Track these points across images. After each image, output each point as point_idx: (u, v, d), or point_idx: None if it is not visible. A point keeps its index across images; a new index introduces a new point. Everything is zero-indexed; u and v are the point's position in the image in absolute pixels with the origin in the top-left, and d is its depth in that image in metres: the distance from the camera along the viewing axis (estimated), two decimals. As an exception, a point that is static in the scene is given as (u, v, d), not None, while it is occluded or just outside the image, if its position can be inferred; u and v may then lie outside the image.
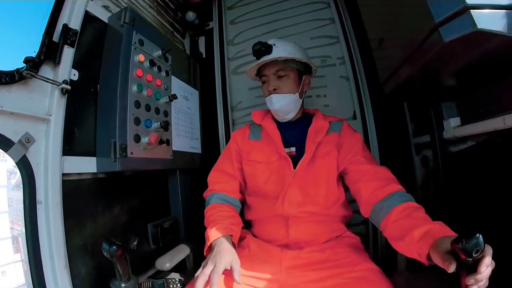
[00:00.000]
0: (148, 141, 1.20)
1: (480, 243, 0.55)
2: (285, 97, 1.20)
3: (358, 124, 1.64)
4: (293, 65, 1.21)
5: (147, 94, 1.25)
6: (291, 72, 1.21)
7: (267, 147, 1.22)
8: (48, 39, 0.97)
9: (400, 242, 0.83)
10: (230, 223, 1.09)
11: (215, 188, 1.24)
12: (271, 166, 1.19)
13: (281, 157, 1.17)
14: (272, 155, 1.20)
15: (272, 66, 1.21)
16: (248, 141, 1.29)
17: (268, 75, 1.23)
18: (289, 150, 1.20)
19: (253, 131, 1.32)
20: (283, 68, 1.20)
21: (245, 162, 1.26)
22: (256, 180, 1.22)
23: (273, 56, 1.18)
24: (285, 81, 1.20)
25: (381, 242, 1.48)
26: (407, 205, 0.90)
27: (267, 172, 1.20)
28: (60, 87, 0.99)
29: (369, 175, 1.06)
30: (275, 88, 1.20)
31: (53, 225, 0.92)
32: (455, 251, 0.59)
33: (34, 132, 0.92)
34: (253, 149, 1.25)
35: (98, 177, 1.15)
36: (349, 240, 1.14)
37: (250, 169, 1.24)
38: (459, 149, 1.23)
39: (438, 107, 1.28)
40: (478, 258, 0.57)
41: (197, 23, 2.02)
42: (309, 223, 1.11)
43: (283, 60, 1.20)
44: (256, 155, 1.23)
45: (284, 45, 1.22)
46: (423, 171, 1.51)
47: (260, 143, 1.26)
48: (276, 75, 1.21)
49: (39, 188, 0.92)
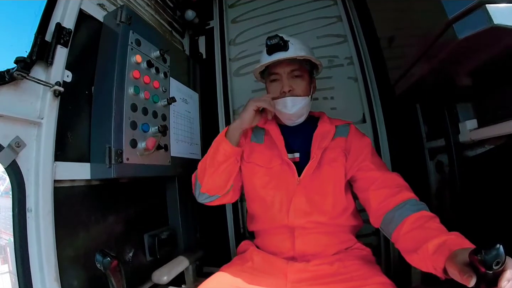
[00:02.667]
0: (145, 146, 1.20)
1: (501, 254, 0.53)
2: (301, 101, 1.17)
3: (367, 128, 1.63)
4: (307, 66, 1.21)
5: (144, 96, 1.25)
6: (305, 73, 1.20)
7: (269, 151, 1.21)
8: (40, 39, 0.98)
9: (414, 254, 0.82)
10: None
11: None
12: (272, 171, 1.18)
13: (283, 163, 1.16)
14: (274, 160, 1.19)
15: (287, 64, 1.17)
16: (250, 143, 1.28)
17: (280, 74, 1.18)
18: (292, 156, 1.19)
19: (255, 133, 1.31)
20: (298, 68, 1.17)
21: (243, 163, 1.24)
22: (254, 183, 1.20)
23: (292, 54, 1.14)
24: (300, 83, 1.18)
25: (394, 254, 1.47)
26: (420, 215, 0.89)
27: (266, 176, 1.18)
28: (52, 89, 1.00)
29: (379, 183, 1.05)
30: (290, 90, 1.16)
31: (43, 234, 0.92)
32: (473, 264, 0.57)
33: (24, 136, 0.92)
34: (254, 151, 1.24)
35: (92, 184, 1.16)
36: (359, 252, 1.13)
37: (248, 170, 1.22)
38: (477, 153, 1.22)
39: (453, 109, 1.27)
40: (499, 271, 0.55)
41: (197, 22, 2.03)
42: (317, 234, 1.10)
43: (299, 60, 1.17)
44: (257, 158, 1.22)
45: (299, 43, 1.19)
46: (437, 177, 1.49)
47: (262, 146, 1.25)
48: (291, 74, 1.17)
49: (30, 195, 0.92)
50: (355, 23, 1.75)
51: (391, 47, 1.30)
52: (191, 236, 1.58)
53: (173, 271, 1.18)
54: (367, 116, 1.67)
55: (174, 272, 1.18)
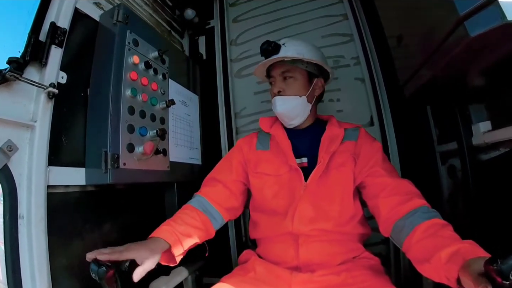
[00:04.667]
0: (142, 151, 1.20)
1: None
2: (290, 100, 1.20)
3: (375, 131, 1.63)
4: (302, 66, 1.22)
5: (142, 99, 1.26)
6: (298, 74, 1.22)
7: (276, 158, 1.22)
8: (34, 38, 0.98)
9: (426, 264, 0.81)
10: (182, 232, 1.01)
11: (201, 191, 1.23)
12: (281, 179, 1.18)
13: (292, 169, 1.16)
14: (282, 167, 1.19)
15: (279, 66, 1.23)
16: (256, 151, 1.28)
17: (275, 77, 1.25)
18: (300, 161, 1.19)
19: (260, 140, 1.32)
20: (289, 70, 1.21)
21: (252, 174, 1.25)
22: (264, 195, 1.21)
23: (279, 55, 1.20)
24: (291, 83, 1.21)
25: (404, 264, 1.45)
26: (432, 223, 0.88)
27: (276, 185, 1.19)
28: (46, 91, 1.00)
29: (389, 189, 1.04)
30: (280, 90, 1.21)
31: (35, 242, 0.91)
32: (489, 273, 0.57)
33: (17, 139, 0.92)
34: (261, 160, 1.25)
35: (87, 190, 1.16)
36: (367, 261, 1.12)
37: (257, 182, 1.23)
38: (491, 157, 1.21)
39: (466, 110, 1.27)
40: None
41: (196, 22, 2.04)
42: (322, 242, 1.10)
43: (291, 61, 1.21)
44: (265, 167, 1.22)
45: (295, 45, 1.23)
46: (450, 183, 1.48)
47: (269, 153, 1.26)
48: (282, 76, 1.22)
49: (21, 201, 0.92)
50: (362, 21, 1.76)
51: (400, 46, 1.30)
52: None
53: (172, 282, 1.17)
54: (375, 119, 1.67)
55: (172, 283, 1.17)
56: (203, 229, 1.10)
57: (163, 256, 0.96)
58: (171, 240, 0.97)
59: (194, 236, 1.05)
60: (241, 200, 1.28)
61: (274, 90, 1.23)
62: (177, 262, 1.00)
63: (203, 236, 1.10)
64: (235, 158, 1.30)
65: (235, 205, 1.26)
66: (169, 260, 1.00)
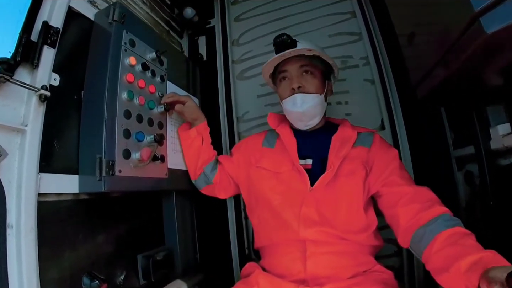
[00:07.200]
0: (139, 157, 1.19)
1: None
2: (313, 98, 1.19)
3: (387, 135, 1.63)
4: (318, 63, 1.22)
5: (139, 102, 1.26)
6: (317, 71, 1.22)
7: (279, 156, 1.23)
8: (26, 38, 0.98)
9: (444, 274, 0.81)
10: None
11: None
12: (280, 176, 1.19)
13: (294, 168, 1.16)
14: (284, 165, 1.20)
15: (296, 61, 1.22)
16: (261, 147, 1.31)
17: (289, 71, 1.22)
18: (304, 162, 1.19)
19: (268, 138, 1.35)
20: (309, 64, 1.21)
21: (252, 168, 1.28)
22: (261, 186, 1.22)
23: (300, 47, 1.18)
24: (311, 79, 1.21)
25: (419, 277, 1.43)
26: (453, 231, 0.88)
27: (273, 179, 1.20)
28: (38, 93, 1.00)
29: (408, 197, 1.04)
30: (300, 86, 1.19)
31: (25, 253, 0.91)
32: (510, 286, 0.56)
33: (6, 144, 0.92)
34: (264, 156, 1.27)
35: (80, 198, 1.15)
36: (379, 275, 1.11)
37: (255, 174, 1.26)
38: (511, 161, 1.20)
39: (483, 112, 1.26)
40: (540, 294, 0.54)
41: (196, 21, 2.05)
42: (331, 255, 1.09)
43: (309, 56, 1.20)
44: (265, 163, 1.25)
45: (309, 43, 1.23)
46: (467, 190, 1.47)
47: (273, 151, 1.28)
48: (301, 70, 1.21)
49: (10, 209, 0.91)
50: (371, 19, 1.76)
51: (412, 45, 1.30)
52: (189, 257, 1.57)
53: (170, 297, 1.17)
54: (386, 122, 1.66)
55: (170, 298, 1.17)
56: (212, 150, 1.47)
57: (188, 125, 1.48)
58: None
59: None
60: (233, 183, 1.41)
61: (294, 85, 1.19)
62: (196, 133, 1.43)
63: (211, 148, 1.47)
64: (234, 155, 1.40)
65: (227, 181, 1.42)
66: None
